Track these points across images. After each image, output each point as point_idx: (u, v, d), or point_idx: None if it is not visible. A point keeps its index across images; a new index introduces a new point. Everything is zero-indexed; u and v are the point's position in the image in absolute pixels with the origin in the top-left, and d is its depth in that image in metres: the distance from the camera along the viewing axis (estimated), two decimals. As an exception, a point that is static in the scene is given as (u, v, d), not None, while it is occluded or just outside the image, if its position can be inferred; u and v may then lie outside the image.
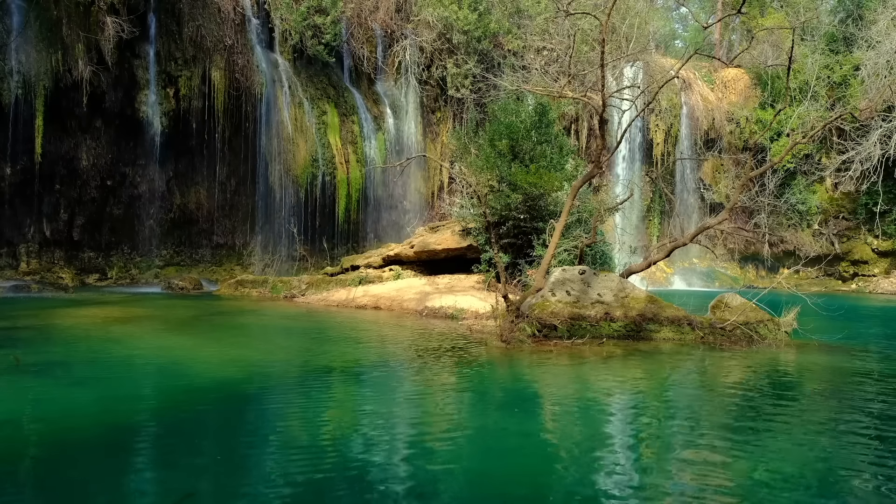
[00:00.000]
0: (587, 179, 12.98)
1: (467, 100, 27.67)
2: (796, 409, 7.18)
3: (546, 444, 5.81)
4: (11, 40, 20.20)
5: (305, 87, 25.52)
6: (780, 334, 11.48)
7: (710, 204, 30.85)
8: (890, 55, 26.47)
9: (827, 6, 32.65)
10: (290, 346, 11.30)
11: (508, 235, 17.17)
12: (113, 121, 22.67)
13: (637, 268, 13.74)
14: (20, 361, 8.40)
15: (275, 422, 6.25)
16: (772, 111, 28.90)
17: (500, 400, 7.51)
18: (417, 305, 15.96)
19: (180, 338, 11.54)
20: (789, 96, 24.23)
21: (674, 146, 31.09)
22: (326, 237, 25.50)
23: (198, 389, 7.48)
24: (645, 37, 30.47)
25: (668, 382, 8.59)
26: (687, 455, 5.40)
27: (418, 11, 27.54)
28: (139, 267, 24.20)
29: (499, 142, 18.01)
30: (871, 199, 28.60)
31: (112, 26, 20.70)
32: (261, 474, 4.85)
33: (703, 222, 18.38)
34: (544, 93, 16.43)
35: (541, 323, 11.32)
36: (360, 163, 26.17)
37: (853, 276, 29.99)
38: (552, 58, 27.22)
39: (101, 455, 5.25)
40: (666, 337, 11.42)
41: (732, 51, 37.13)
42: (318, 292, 19.22)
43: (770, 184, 22.31)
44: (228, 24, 23.81)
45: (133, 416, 6.40)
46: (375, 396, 7.44)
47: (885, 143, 26.13)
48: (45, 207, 22.36)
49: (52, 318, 13.26)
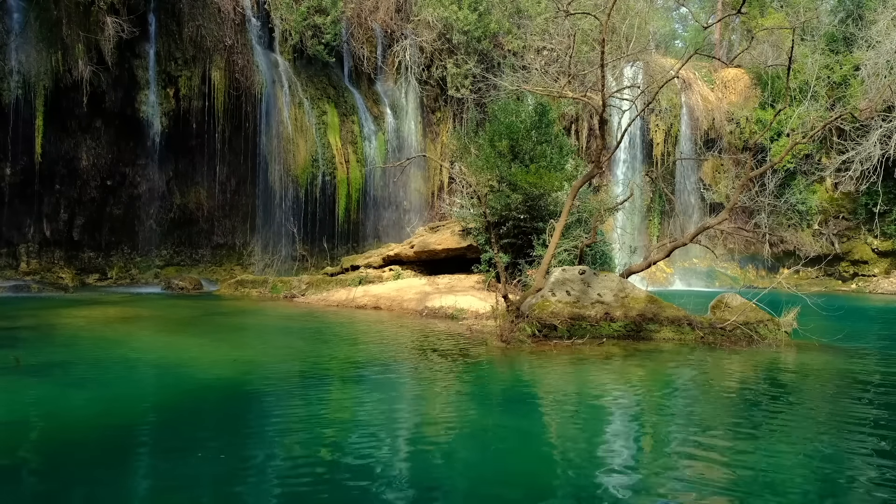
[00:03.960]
0: (587, 179, 12.99)
1: (467, 100, 27.66)
2: (796, 409, 7.18)
3: (546, 443, 5.81)
4: (11, 40, 20.19)
5: (305, 87, 25.52)
6: (780, 334, 11.49)
7: (710, 204, 30.84)
8: (890, 55, 26.47)
9: (827, 6, 32.64)
10: (290, 346, 11.30)
11: (508, 235, 17.17)
12: (113, 121, 22.65)
13: (637, 268, 13.75)
14: (20, 362, 8.40)
15: (275, 422, 6.25)
16: (772, 111, 28.90)
17: (500, 400, 7.52)
18: (417, 305, 15.96)
19: (180, 338, 11.54)
20: (789, 96, 24.22)
21: (674, 146, 31.08)
22: (326, 237, 25.50)
23: (198, 389, 7.48)
24: (645, 37, 30.46)
25: (669, 382, 8.59)
26: (687, 455, 5.40)
27: (418, 11, 27.53)
28: (139, 267, 24.19)
29: (499, 142, 18.02)
30: (871, 199, 28.60)
31: (112, 26, 20.68)
32: (261, 474, 4.85)
33: (703, 222, 18.38)
34: (544, 93, 16.42)
35: (541, 323, 11.32)
36: (360, 163, 26.17)
37: (853, 276, 29.99)
38: (552, 58, 27.21)
39: (101, 455, 5.25)
40: (666, 337, 11.42)
41: (732, 51, 37.11)
42: (318, 292, 19.22)
43: (770, 184, 22.32)
44: (228, 24, 23.80)
45: (133, 416, 6.40)
46: (375, 396, 7.44)
47: (885, 143, 26.13)
48: (45, 207, 22.34)
49: (52, 318, 13.26)
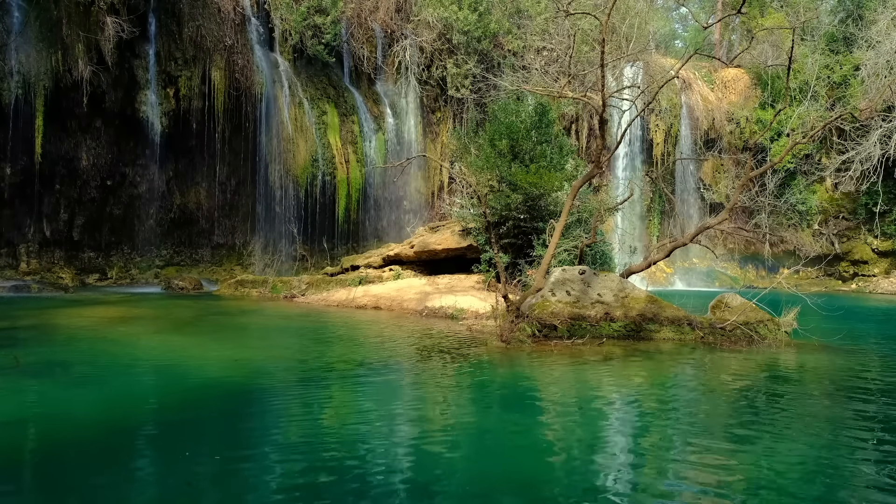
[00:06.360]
0: (587, 179, 12.99)
1: (467, 100, 27.66)
2: (796, 409, 7.18)
3: (546, 443, 5.81)
4: (11, 40, 20.19)
5: (305, 87, 25.52)
6: (780, 334, 11.49)
7: (710, 204, 30.84)
8: (890, 55, 26.47)
9: (827, 6, 32.64)
10: (290, 345, 11.30)
11: (508, 235, 17.17)
12: (113, 121, 22.66)
13: (637, 268, 13.75)
14: (20, 362, 8.40)
15: (275, 421, 6.25)
16: (772, 111, 28.90)
17: (500, 400, 7.51)
18: (417, 305, 15.96)
19: (180, 338, 11.54)
20: (789, 96, 24.22)
21: (674, 146, 31.08)
22: (326, 237, 25.49)
23: (198, 389, 7.48)
24: (645, 37, 30.45)
25: (669, 382, 8.59)
26: (687, 455, 5.40)
27: (418, 11, 27.53)
28: (139, 267, 24.19)
29: (499, 142, 18.02)
30: (871, 199, 28.60)
31: (112, 26, 20.68)
32: (261, 474, 4.85)
33: (703, 222, 18.37)
34: (544, 93, 16.42)
35: (541, 323, 11.32)
36: (360, 163, 26.17)
37: (853, 276, 29.99)
38: (552, 58, 27.20)
39: (100, 455, 5.25)
40: (666, 337, 11.42)
41: (732, 51, 37.11)
42: (319, 292, 19.22)
43: (770, 184, 22.30)
44: (228, 24, 23.80)
45: (133, 416, 6.40)
46: (375, 396, 7.44)
47: (885, 143, 26.13)
48: (45, 207, 22.35)
49: (52, 318, 13.26)
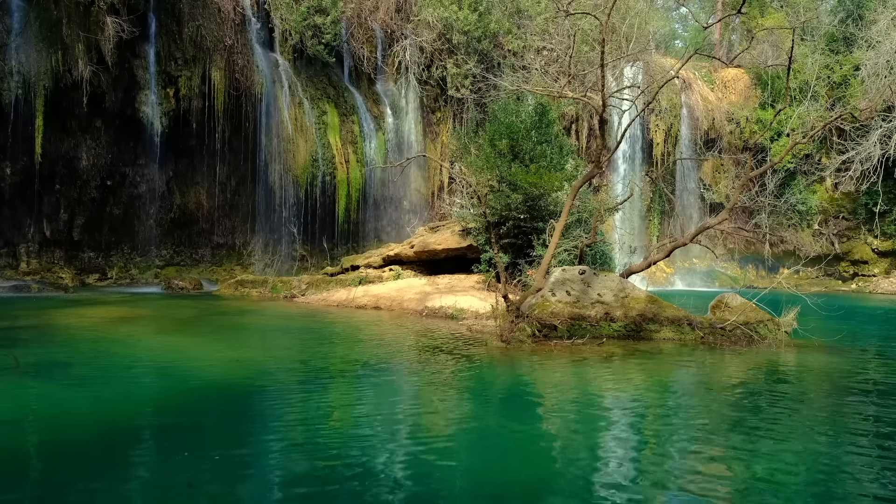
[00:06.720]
0: (587, 179, 12.99)
1: (467, 100, 27.65)
2: (796, 409, 7.18)
3: (546, 443, 5.81)
4: (11, 40, 20.18)
5: (305, 87, 25.51)
6: (780, 334, 11.48)
7: (710, 204, 30.84)
8: (890, 55, 26.47)
9: (827, 6, 32.64)
10: (290, 346, 11.30)
11: (508, 235, 17.17)
12: (113, 121, 22.65)
13: (637, 268, 13.75)
14: (20, 362, 8.39)
15: (275, 422, 6.25)
16: (772, 111, 28.90)
17: (500, 400, 7.52)
18: (417, 305, 15.95)
19: (180, 338, 11.54)
20: (789, 96, 24.21)
21: (674, 146, 31.07)
22: (326, 237, 25.48)
23: (198, 389, 7.48)
24: (645, 37, 30.42)
25: (669, 382, 8.59)
26: (687, 455, 5.40)
27: (418, 11, 27.52)
28: (139, 267, 24.18)
29: (499, 142, 18.01)
30: (871, 199, 28.60)
31: (112, 26, 20.67)
32: (261, 474, 4.85)
33: (703, 222, 18.38)
34: (544, 93, 16.42)
35: (541, 323, 11.32)
36: (360, 163, 26.16)
37: (853, 276, 29.99)
38: (552, 58, 27.19)
39: (101, 455, 5.25)
40: (666, 337, 11.42)
41: (732, 51, 37.09)
42: (319, 292, 19.22)
43: (770, 184, 22.31)
44: (228, 24, 23.79)
45: (133, 416, 6.40)
46: (375, 396, 7.44)
47: (885, 143, 26.13)
48: (45, 207, 22.34)
49: (52, 318, 13.25)
